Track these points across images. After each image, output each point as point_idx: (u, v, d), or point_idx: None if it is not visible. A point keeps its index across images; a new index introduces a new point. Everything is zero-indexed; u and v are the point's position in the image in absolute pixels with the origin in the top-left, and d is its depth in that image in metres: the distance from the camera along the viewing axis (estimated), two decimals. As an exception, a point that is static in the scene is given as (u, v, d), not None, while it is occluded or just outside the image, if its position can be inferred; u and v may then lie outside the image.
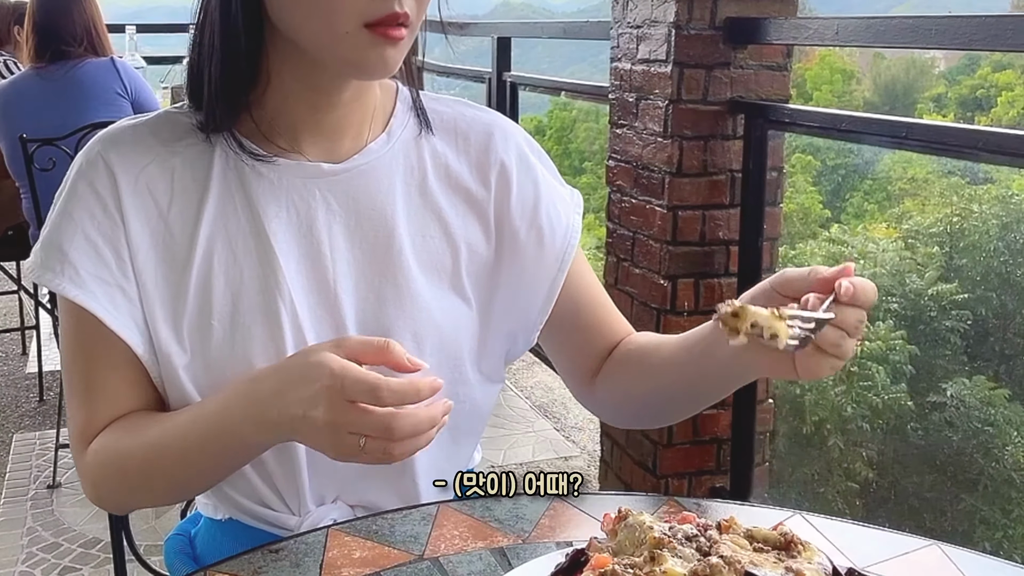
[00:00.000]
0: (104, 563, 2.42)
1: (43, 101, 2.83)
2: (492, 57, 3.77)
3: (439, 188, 0.98)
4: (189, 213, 0.91)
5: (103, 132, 0.93)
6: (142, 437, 0.89)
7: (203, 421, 0.86)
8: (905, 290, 10.07)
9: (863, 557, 0.83)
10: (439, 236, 0.97)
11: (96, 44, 2.91)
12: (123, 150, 0.91)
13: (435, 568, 0.80)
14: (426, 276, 0.95)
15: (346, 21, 0.81)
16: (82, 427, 0.91)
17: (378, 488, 0.98)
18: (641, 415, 1.09)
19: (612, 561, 0.67)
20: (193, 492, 0.99)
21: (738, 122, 2.29)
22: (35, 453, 3.07)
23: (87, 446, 0.91)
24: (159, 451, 0.88)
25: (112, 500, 0.97)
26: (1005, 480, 7.56)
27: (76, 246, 0.89)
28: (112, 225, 0.89)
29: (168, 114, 0.95)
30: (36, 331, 3.62)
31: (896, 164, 14.83)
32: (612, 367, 1.04)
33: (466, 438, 1.03)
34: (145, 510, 2.64)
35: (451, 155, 0.99)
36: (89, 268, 0.89)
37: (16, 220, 3.16)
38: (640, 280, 2.44)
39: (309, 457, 0.93)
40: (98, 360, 0.90)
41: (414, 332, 0.94)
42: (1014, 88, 24.50)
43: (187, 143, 0.92)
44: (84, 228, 0.89)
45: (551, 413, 3.50)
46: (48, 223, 0.91)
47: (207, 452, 0.86)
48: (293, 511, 0.96)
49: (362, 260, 0.94)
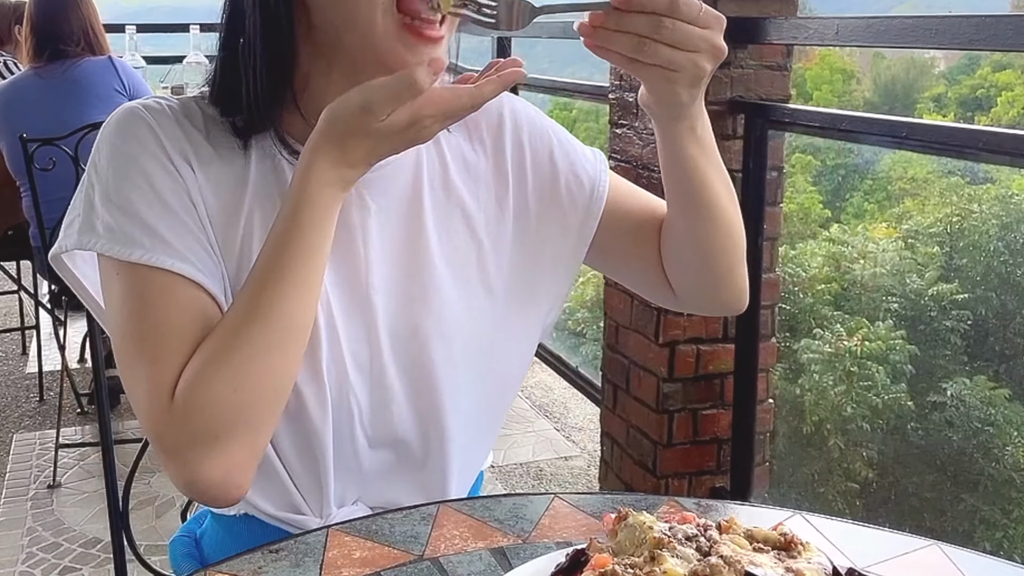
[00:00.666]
0: (104, 563, 2.42)
1: (42, 101, 2.83)
2: (492, 57, 3.77)
3: (461, 181, 0.98)
4: (227, 207, 0.89)
5: (133, 104, 0.90)
6: (222, 323, 0.83)
7: (279, 223, 0.82)
8: (905, 290, 10.06)
9: (863, 557, 0.83)
10: (463, 231, 0.97)
11: (94, 44, 2.93)
12: (161, 120, 0.88)
13: (435, 568, 0.80)
14: (451, 272, 0.95)
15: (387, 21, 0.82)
16: (158, 382, 0.81)
17: (397, 489, 0.97)
18: (709, 278, 1.00)
19: (612, 561, 0.67)
20: (289, 353, 0.83)
21: (738, 122, 2.29)
22: (35, 453, 3.07)
23: (172, 394, 0.81)
24: (238, 308, 0.82)
25: (220, 421, 0.80)
26: (1005, 480, 7.56)
27: (156, 215, 0.84)
28: (174, 179, 0.86)
29: (193, 101, 0.92)
30: (36, 331, 3.61)
31: (896, 164, 14.82)
32: (662, 248, 1.01)
33: (492, 424, 1.05)
34: (145, 509, 2.64)
35: (466, 145, 1.00)
36: (180, 239, 0.84)
37: (16, 220, 3.16)
38: (640, 280, 2.44)
39: (336, 457, 0.93)
40: (175, 316, 0.83)
41: (442, 331, 0.94)
42: (1014, 88, 24.48)
43: (218, 134, 0.90)
44: (153, 186, 0.85)
45: (551, 413, 3.50)
46: (100, 195, 0.86)
47: (285, 262, 0.81)
48: (315, 513, 0.95)
49: (393, 257, 0.94)
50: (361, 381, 0.92)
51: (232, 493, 0.82)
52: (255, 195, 0.90)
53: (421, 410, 0.94)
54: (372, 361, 0.92)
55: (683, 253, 0.98)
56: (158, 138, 0.87)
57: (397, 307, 0.93)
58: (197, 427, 0.80)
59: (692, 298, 1.03)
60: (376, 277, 0.92)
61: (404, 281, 0.93)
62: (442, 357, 0.94)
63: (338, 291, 0.91)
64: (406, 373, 0.93)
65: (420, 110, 0.79)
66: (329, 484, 0.94)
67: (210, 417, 0.80)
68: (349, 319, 0.91)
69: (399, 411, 0.93)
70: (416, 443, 0.95)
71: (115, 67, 2.95)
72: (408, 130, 0.79)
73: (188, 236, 0.85)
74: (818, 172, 16.67)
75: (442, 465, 0.97)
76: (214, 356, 0.80)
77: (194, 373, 0.80)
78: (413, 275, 0.94)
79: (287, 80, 0.89)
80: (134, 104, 0.89)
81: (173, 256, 0.83)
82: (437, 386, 0.94)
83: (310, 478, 0.93)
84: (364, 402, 0.92)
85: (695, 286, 1.01)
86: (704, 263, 0.98)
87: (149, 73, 3.55)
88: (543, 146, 1.01)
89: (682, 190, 0.94)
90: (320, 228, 0.82)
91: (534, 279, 1.00)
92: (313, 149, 0.81)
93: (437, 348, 0.93)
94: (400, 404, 0.93)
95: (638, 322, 2.47)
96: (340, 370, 0.90)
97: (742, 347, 2.37)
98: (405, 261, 0.94)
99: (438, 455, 0.96)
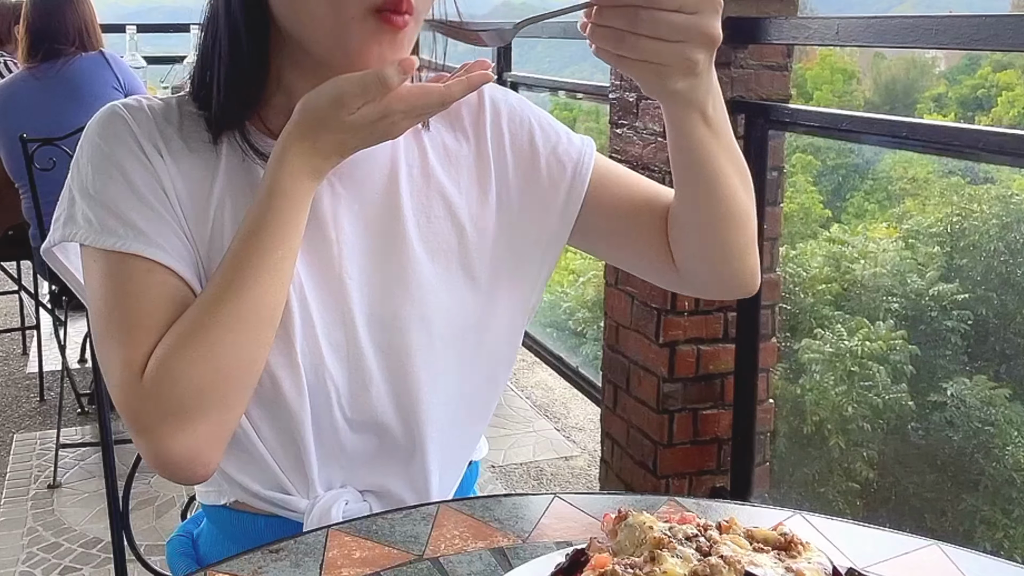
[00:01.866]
0: (105, 563, 2.42)
1: (38, 101, 2.83)
2: (492, 57, 3.78)
3: (441, 167, 0.98)
4: (199, 200, 0.91)
5: (114, 105, 0.93)
6: (194, 304, 0.85)
7: (252, 210, 0.84)
8: (906, 290, 10.07)
9: (863, 557, 0.83)
10: (443, 216, 0.97)
11: (87, 41, 2.92)
12: (142, 121, 0.91)
13: (435, 568, 0.80)
14: (431, 258, 0.96)
15: (354, 5, 0.82)
16: (130, 359, 0.83)
17: (382, 473, 0.98)
18: (720, 263, 0.97)
19: (612, 561, 0.67)
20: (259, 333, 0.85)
21: (738, 122, 2.28)
22: (35, 453, 3.07)
23: (142, 373, 0.82)
24: (210, 290, 0.84)
25: (189, 397, 0.82)
26: (1006, 480, 7.56)
27: (123, 199, 0.87)
28: (153, 182, 0.89)
29: (176, 100, 0.95)
30: (36, 331, 3.62)
31: (896, 164, 14.82)
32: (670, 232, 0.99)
33: (479, 414, 1.04)
34: (146, 509, 2.64)
35: (448, 135, 1.00)
36: (152, 227, 0.87)
37: (16, 220, 3.16)
38: (640, 280, 2.43)
39: (317, 440, 0.94)
40: (147, 298, 0.85)
41: (421, 315, 0.94)
42: (1015, 88, 24.48)
43: (193, 129, 0.93)
44: (128, 179, 0.88)
45: (551, 413, 3.50)
46: (79, 190, 0.89)
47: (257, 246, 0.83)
48: (302, 494, 0.96)
49: (368, 243, 0.94)
50: (338, 364, 0.93)
51: (199, 471, 0.84)
52: (225, 187, 0.92)
53: (399, 393, 0.95)
54: (348, 344, 0.93)
55: (692, 239, 0.96)
56: (134, 134, 0.90)
57: (374, 292, 0.94)
58: (167, 403, 0.82)
59: (701, 282, 1.01)
60: (349, 262, 0.93)
61: (381, 266, 0.94)
62: (422, 342, 0.94)
63: (311, 277, 0.92)
64: (384, 356, 0.94)
65: (390, 105, 0.81)
66: (312, 466, 0.94)
67: (180, 393, 0.82)
68: (323, 304, 0.92)
69: (377, 394, 0.94)
70: (397, 427, 0.96)
71: (108, 62, 2.94)
72: (378, 124, 0.82)
73: (161, 225, 0.88)
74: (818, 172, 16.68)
75: (422, 451, 0.97)
76: (184, 335, 0.83)
77: (165, 350, 0.83)
78: (391, 260, 0.95)
79: (259, 78, 0.91)
80: (115, 103, 0.93)
81: (146, 244, 0.86)
82: (413, 371, 0.94)
83: (292, 460, 0.94)
84: (342, 385, 0.93)
85: (705, 270, 0.98)
86: (715, 249, 0.95)
87: (149, 73, 3.55)
88: (523, 131, 1.01)
89: (692, 175, 0.90)
90: (292, 216, 0.84)
91: (519, 263, 1.00)
92: (286, 139, 0.84)
93: (416, 332, 0.94)
94: (378, 387, 0.94)
95: (638, 322, 2.47)
96: (315, 353, 0.91)
97: (742, 347, 2.37)
98: (381, 247, 0.94)
99: (418, 440, 0.97)
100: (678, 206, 0.95)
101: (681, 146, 0.88)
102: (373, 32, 0.83)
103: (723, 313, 2.38)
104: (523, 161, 1.00)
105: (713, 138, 0.88)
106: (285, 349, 0.90)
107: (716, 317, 2.38)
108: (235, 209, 0.91)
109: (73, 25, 2.88)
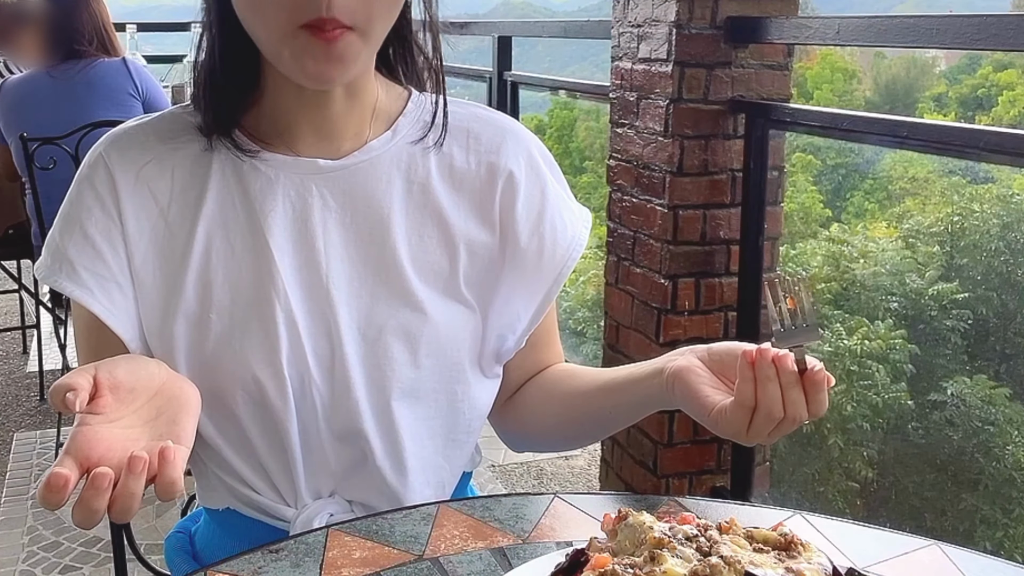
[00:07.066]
0: (105, 562, 2.42)
1: (55, 100, 2.83)
2: (493, 56, 3.78)
3: (442, 187, 0.97)
4: (188, 210, 0.93)
5: (108, 133, 0.96)
6: None
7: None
8: (905, 289, 10.08)
9: (863, 557, 0.83)
10: (436, 238, 0.96)
11: (107, 44, 2.92)
12: (124, 149, 0.93)
13: (435, 568, 0.80)
14: (420, 278, 0.95)
15: (285, 21, 0.83)
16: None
17: (367, 486, 0.98)
18: (540, 439, 1.11)
19: (612, 561, 0.67)
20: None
21: (739, 121, 2.29)
22: (36, 452, 3.07)
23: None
24: None
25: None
26: (1006, 479, 7.57)
27: (74, 244, 0.91)
28: (109, 223, 0.92)
29: (172, 114, 0.97)
30: (37, 330, 3.62)
31: (897, 163, 14.83)
32: (528, 388, 1.07)
33: (464, 436, 1.03)
34: (145, 509, 2.64)
35: (458, 153, 0.99)
36: (87, 265, 0.91)
37: (17, 219, 3.16)
38: (641, 279, 2.44)
39: (303, 452, 0.94)
40: (99, 354, 0.89)
41: (407, 331, 0.94)
42: (1015, 87, 24.49)
43: (188, 140, 0.94)
44: (83, 226, 0.92)
45: (551, 412, 3.50)
46: (54, 224, 0.94)
47: None
48: (289, 503, 0.96)
49: (356, 257, 0.94)
50: (322, 375, 0.93)
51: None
52: (216, 192, 0.93)
53: (380, 408, 0.95)
54: (334, 355, 0.93)
55: (551, 437, 1.09)
56: (111, 175, 0.92)
57: (361, 305, 0.94)
58: None
59: (515, 438, 1.12)
60: (337, 275, 0.93)
61: (369, 280, 0.94)
62: (404, 357, 0.94)
63: (298, 286, 0.92)
64: (366, 369, 0.94)
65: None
66: (299, 474, 0.95)
67: None
68: (310, 314, 0.93)
69: (359, 407, 0.94)
70: (377, 441, 0.95)
71: (129, 70, 2.94)
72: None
73: (101, 268, 0.91)
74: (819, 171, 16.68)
75: (403, 467, 0.97)
76: None
77: None
78: (379, 276, 0.94)
79: (243, 83, 0.93)
80: (108, 135, 0.95)
81: (77, 285, 0.90)
82: (391, 385, 0.94)
83: (282, 467, 0.95)
84: (326, 395, 0.93)
85: (533, 440, 1.11)
86: (569, 445, 1.12)
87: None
88: (538, 177, 1.01)
89: (612, 427, 1.03)
90: None
91: (510, 296, 1.00)
92: None
93: (399, 348, 0.94)
94: (358, 399, 0.94)
95: (638, 322, 2.47)
96: (301, 363, 0.92)
97: (742, 347, 2.37)
98: (370, 261, 0.94)
99: (399, 455, 0.97)
100: (569, 428, 1.04)
101: (630, 417, 0.99)
102: (304, 47, 0.83)
103: (723, 313, 2.38)
104: (531, 214, 1.00)
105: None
106: (270, 357, 0.90)
107: (716, 316, 2.38)
108: (223, 212, 0.92)
109: (90, 25, 2.88)
